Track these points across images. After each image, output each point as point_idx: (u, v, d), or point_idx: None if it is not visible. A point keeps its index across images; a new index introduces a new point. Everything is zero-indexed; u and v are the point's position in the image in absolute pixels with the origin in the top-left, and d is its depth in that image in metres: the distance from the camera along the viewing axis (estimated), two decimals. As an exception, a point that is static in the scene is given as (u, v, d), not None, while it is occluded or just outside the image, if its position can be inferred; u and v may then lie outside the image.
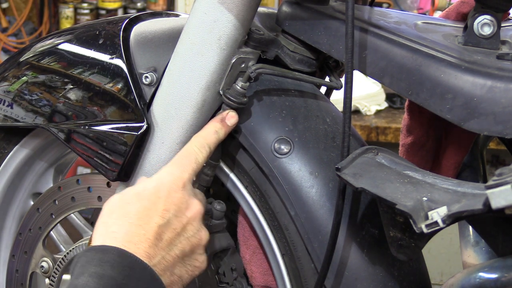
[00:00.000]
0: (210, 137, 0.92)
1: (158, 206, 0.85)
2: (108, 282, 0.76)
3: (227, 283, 1.04)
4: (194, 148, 0.91)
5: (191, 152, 0.91)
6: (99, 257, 0.78)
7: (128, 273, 0.78)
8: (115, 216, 0.84)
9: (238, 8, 0.89)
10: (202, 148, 0.91)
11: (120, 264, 0.78)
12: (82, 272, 0.77)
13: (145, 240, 0.82)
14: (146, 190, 0.86)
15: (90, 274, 0.76)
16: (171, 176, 0.88)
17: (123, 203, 0.86)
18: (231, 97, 0.92)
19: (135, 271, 0.79)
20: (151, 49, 0.98)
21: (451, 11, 1.05)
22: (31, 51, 1.09)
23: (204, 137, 0.92)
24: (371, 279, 0.90)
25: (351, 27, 0.85)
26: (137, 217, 0.83)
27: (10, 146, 1.15)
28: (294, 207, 0.92)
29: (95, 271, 0.76)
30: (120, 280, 0.77)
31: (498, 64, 0.85)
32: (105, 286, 0.76)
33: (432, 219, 0.72)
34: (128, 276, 0.78)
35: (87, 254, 0.79)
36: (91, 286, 0.75)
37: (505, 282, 0.78)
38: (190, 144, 0.92)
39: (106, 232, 0.83)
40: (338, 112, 0.99)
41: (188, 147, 0.91)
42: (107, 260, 0.78)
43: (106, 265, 0.77)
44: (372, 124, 2.42)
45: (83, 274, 0.77)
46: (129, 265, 0.79)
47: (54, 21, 3.34)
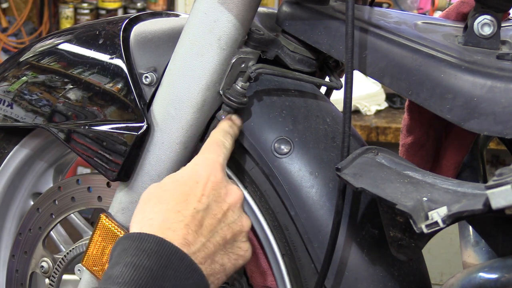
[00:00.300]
0: (229, 129, 0.91)
1: (197, 191, 0.82)
2: (143, 273, 0.73)
3: (227, 283, 1.04)
4: (219, 135, 0.90)
5: (217, 139, 0.89)
6: (135, 246, 0.76)
7: (166, 263, 0.75)
8: (152, 203, 0.82)
9: (238, 8, 0.89)
10: (226, 136, 0.90)
11: (157, 254, 0.75)
12: (117, 261, 0.75)
13: (184, 226, 0.79)
14: (183, 176, 0.84)
15: (126, 264, 0.74)
16: (207, 161, 0.86)
17: (159, 190, 0.83)
18: (231, 97, 0.92)
19: (172, 261, 0.76)
20: (151, 49, 0.98)
21: (451, 11, 1.05)
22: (31, 51, 1.09)
23: (223, 128, 0.91)
24: (371, 279, 0.90)
25: (351, 27, 0.85)
26: (175, 203, 0.81)
27: (10, 146, 1.15)
28: (294, 207, 0.92)
29: (130, 261, 0.74)
30: (156, 270, 0.74)
31: (498, 64, 0.85)
32: (140, 277, 0.73)
33: (432, 219, 0.72)
34: (165, 266, 0.75)
35: (124, 242, 0.77)
36: (125, 277, 0.73)
37: (505, 282, 0.78)
38: (214, 133, 0.91)
39: (143, 219, 0.80)
40: (338, 112, 0.99)
41: (213, 135, 0.90)
42: (143, 249, 0.75)
43: (142, 255, 0.75)
44: (372, 124, 2.42)
45: (118, 263, 0.74)
46: (166, 254, 0.76)
47: (54, 21, 3.34)
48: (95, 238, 0.98)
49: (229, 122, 0.93)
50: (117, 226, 0.97)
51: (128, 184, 0.97)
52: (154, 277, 0.74)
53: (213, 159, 0.87)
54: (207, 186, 0.84)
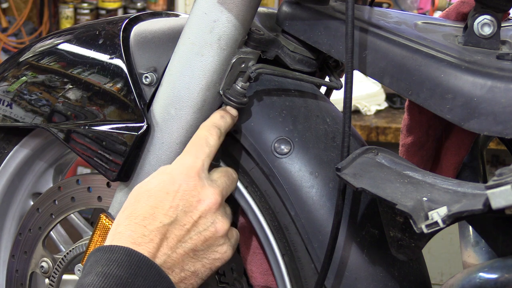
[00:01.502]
0: (218, 121, 0.91)
1: (165, 203, 0.84)
2: (113, 281, 0.76)
3: (227, 283, 1.04)
4: (203, 132, 0.90)
5: (201, 136, 0.89)
6: (106, 257, 0.78)
7: (135, 271, 0.78)
8: (125, 215, 0.84)
9: (238, 8, 0.89)
10: (211, 130, 0.90)
11: (126, 263, 0.78)
12: (89, 271, 0.78)
13: (148, 241, 0.81)
14: (156, 185, 0.85)
15: (97, 273, 0.77)
16: (182, 166, 0.86)
17: (134, 201, 0.85)
18: (231, 97, 0.92)
19: (141, 269, 0.78)
20: (151, 49, 0.98)
21: (451, 11, 1.05)
22: (31, 51, 1.09)
23: (211, 121, 0.91)
24: (371, 279, 0.90)
25: (351, 27, 0.85)
26: (142, 217, 0.83)
27: (10, 146, 1.15)
28: (294, 207, 0.92)
29: (101, 271, 0.77)
30: (126, 278, 0.77)
31: (498, 64, 0.85)
32: (110, 285, 0.76)
33: (432, 219, 0.72)
34: (134, 275, 0.77)
35: (96, 254, 0.80)
36: (96, 285, 0.75)
37: (505, 282, 0.78)
38: (199, 130, 0.91)
39: (115, 231, 0.83)
40: (338, 112, 0.99)
41: (197, 132, 0.90)
42: (114, 259, 0.78)
43: (113, 265, 0.77)
44: (372, 124, 2.42)
45: (90, 273, 0.77)
46: (135, 263, 0.78)
47: (54, 21, 3.34)
48: (95, 238, 0.98)
49: (220, 112, 0.92)
50: (117, 226, 0.97)
51: (128, 184, 0.97)
52: (124, 285, 0.76)
53: (190, 164, 0.86)
54: (176, 197, 0.84)
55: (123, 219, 0.84)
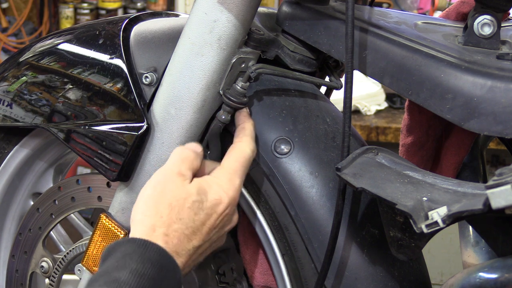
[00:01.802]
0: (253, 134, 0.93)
1: (210, 222, 0.86)
2: (147, 283, 0.76)
3: (227, 283, 1.04)
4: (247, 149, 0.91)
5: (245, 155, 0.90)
6: (140, 252, 0.78)
7: (164, 274, 0.79)
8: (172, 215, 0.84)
9: (238, 8, 0.89)
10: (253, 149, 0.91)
11: (160, 264, 0.78)
12: (123, 265, 0.77)
13: (187, 255, 0.84)
14: (207, 200, 0.86)
15: (132, 271, 0.76)
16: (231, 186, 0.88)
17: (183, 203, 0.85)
18: (231, 97, 0.92)
19: (169, 274, 0.80)
20: (151, 49, 0.98)
21: (451, 11, 1.05)
22: (31, 51, 1.09)
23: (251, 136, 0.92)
24: (371, 279, 0.90)
25: (351, 27, 0.85)
26: (192, 230, 0.84)
27: (10, 146, 1.15)
28: (294, 207, 0.92)
29: (136, 268, 0.76)
30: (158, 280, 0.77)
31: (498, 64, 0.85)
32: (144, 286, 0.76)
33: (432, 219, 0.72)
34: (163, 277, 0.78)
35: (128, 245, 0.79)
36: (132, 284, 0.75)
37: (505, 282, 0.78)
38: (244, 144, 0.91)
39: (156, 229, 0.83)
40: (338, 112, 0.99)
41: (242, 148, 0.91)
42: (148, 257, 0.78)
43: (147, 263, 0.77)
44: (372, 124, 2.42)
45: (123, 268, 0.76)
46: (168, 267, 0.79)
47: (54, 21, 3.34)
48: (95, 238, 0.98)
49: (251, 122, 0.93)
50: (117, 226, 0.97)
51: (128, 184, 0.97)
52: (155, 287, 0.77)
53: (238, 186, 0.89)
54: (220, 219, 0.87)
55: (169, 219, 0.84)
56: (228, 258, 1.05)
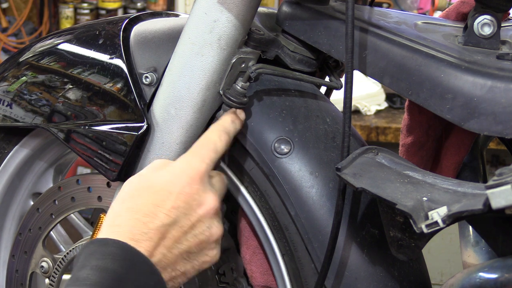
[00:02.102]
0: (229, 125, 0.91)
1: (167, 203, 0.83)
2: (109, 275, 0.76)
3: (227, 283, 1.04)
4: (213, 136, 0.89)
5: (210, 140, 0.89)
6: (101, 250, 0.78)
7: (129, 266, 0.78)
8: (125, 207, 0.84)
9: (238, 8, 0.89)
10: (221, 135, 0.89)
11: (121, 257, 0.78)
12: (84, 264, 0.77)
13: (147, 238, 0.81)
14: (159, 183, 0.85)
15: (92, 267, 0.76)
16: (188, 167, 0.86)
17: (135, 193, 0.85)
18: (231, 97, 0.92)
19: (135, 264, 0.78)
20: (151, 49, 0.98)
21: (451, 11, 1.05)
22: (31, 51, 1.09)
23: (222, 125, 0.91)
24: (371, 279, 0.90)
25: (351, 27, 0.85)
26: (143, 213, 0.82)
27: (10, 146, 1.14)
28: (294, 207, 0.92)
29: (96, 264, 0.76)
30: (121, 273, 0.76)
31: (498, 64, 0.85)
32: (106, 279, 0.76)
33: (432, 219, 0.72)
34: (129, 269, 0.77)
35: (90, 247, 0.79)
36: (92, 279, 0.75)
37: (505, 282, 0.78)
38: (209, 132, 0.90)
39: (112, 225, 0.83)
40: (338, 112, 0.99)
41: (207, 134, 0.90)
42: (108, 253, 0.78)
43: (107, 258, 0.77)
44: (372, 124, 2.42)
45: (84, 266, 0.77)
46: (130, 258, 0.78)
47: (54, 21, 3.34)
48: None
49: (231, 116, 0.92)
50: (117, 226, 0.97)
51: (128, 184, 0.97)
52: (119, 279, 0.76)
53: (196, 167, 0.86)
54: (179, 198, 0.84)
55: (122, 211, 0.83)
56: (228, 258, 1.05)
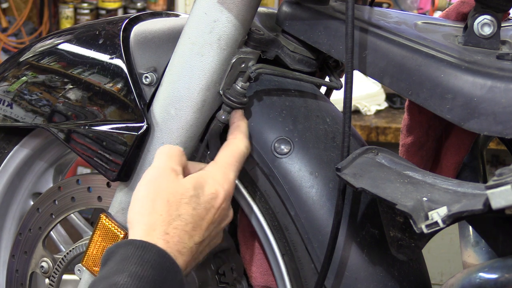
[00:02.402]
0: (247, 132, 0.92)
1: (209, 217, 0.85)
2: (147, 285, 0.75)
3: (227, 283, 1.04)
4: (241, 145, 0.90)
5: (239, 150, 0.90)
6: (139, 254, 0.77)
7: (165, 276, 0.77)
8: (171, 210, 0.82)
9: (238, 8, 0.89)
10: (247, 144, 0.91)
11: (160, 265, 0.77)
12: (121, 268, 0.76)
13: (188, 253, 0.82)
14: (204, 194, 0.85)
15: (130, 274, 0.75)
16: (225, 181, 0.87)
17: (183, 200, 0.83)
18: (231, 97, 0.92)
19: (169, 275, 0.78)
20: (151, 49, 0.98)
21: (451, 11, 1.05)
22: (31, 51, 1.09)
23: (245, 132, 0.91)
24: (371, 279, 0.90)
25: (351, 27, 0.85)
26: (192, 227, 0.83)
27: (10, 146, 1.15)
28: (294, 207, 0.92)
29: (135, 271, 0.75)
30: (159, 282, 0.76)
31: (498, 64, 0.85)
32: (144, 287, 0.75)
33: (432, 219, 0.72)
34: (164, 279, 0.77)
35: (128, 248, 0.78)
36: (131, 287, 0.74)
37: (505, 282, 0.78)
38: (237, 141, 0.90)
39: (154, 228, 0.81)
40: (338, 112, 0.99)
41: (236, 144, 0.90)
42: (147, 259, 0.77)
43: (146, 265, 0.76)
44: (372, 124, 2.42)
45: (122, 271, 0.75)
46: (167, 268, 0.78)
47: (54, 21, 3.34)
48: (95, 238, 0.98)
49: (245, 121, 0.92)
50: (117, 226, 0.97)
51: (128, 184, 0.97)
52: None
53: (232, 180, 0.88)
54: (217, 214, 0.86)
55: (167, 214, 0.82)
56: (228, 258, 1.05)
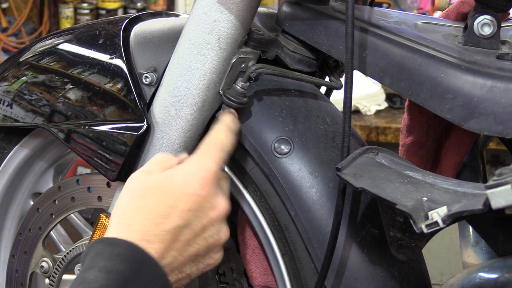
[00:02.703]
0: (232, 124, 0.91)
1: (181, 204, 0.82)
2: (116, 277, 0.74)
3: (227, 283, 1.04)
4: (220, 135, 0.88)
5: (218, 140, 0.88)
6: (109, 250, 0.76)
7: (138, 268, 0.76)
8: (134, 205, 0.82)
9: (238, 8, 0.89)
10: (228, 135, 0.89)
11: (130, 258, 0.76)
12: (91, 265, 0.76)
13: (159, 240, 0.80)
14: (172, 183, 0.83)
15: (100, 269, 0.75)
16: (200, 169, 0.84)
17: (146, 192, 0.83)
18: (231, 97, 0.92)
19: (144, 266, 0.77)
20: (151, 49, 0.98)
21: (451, 11, 1.05)
22: (31, 51, 1.09)
23: (226, 124, 0.90)
24: (371, 279, 0.90)
25: (351, 27, 0.85)
26: (157, 215, 0.80)
27: (10, 146, 1.15)
28: (294, 207, 0.92)
29: (104, 265, 0.75)
30: (129, 274, 0.75)
31: (498, 64, 0.85)
32: (114, 281, 0.74)
33: (432, 219, 0.72)
34: (137, 271, 0.76)
35: (97, 246, 0.78)
36: (100, 282, 0.74)
37: (505, 282, 0.78)
38: (216, 132, 0.89)
39: (122, 224, 0.81)
40: (338, 112, 0.99)
41: (214, 134, 0.89)
42: (117, 253, 0.76)
43: (116, 259, 0.75)
44: (372, 124, 2.42)
45: (92, 267, 0.75)
46: (139, 260, 0.77)
47: (54, 21, 3.34)
48: (95, 238, 0.98)
49: (231, 115, 0.91)
50: (117, 226, 0.97)
51: (128, 184, 0.97)
52: (126, 281, 0.75)
53: (208, 168, 0.85)
54: (193, 201, 0.83)
55: (132, 210, 0.81)
56: (228, 258, 1.05)
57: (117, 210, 0.83)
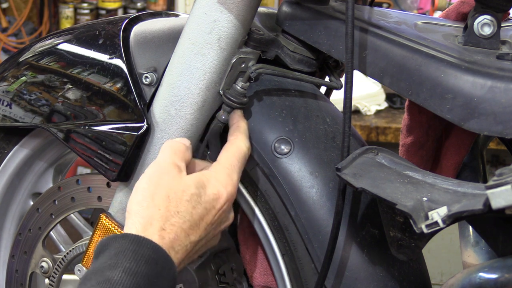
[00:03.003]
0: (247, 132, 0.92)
1: (208, 218, 0.85)
2: (141, 281, 0.75)
3: (227, 283, 1.04)
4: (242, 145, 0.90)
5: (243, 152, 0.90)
6: (133, 249, 0.76)
7: (159, 271, 0.77)
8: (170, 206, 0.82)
9: (238, 8, 0.89)
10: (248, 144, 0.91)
11: (153, 261, 0.77)
12: (115, 263, 0.75)
13: (183, 251, 0.82)
14: (206, 194, 0.85)
15: (125, 270, 0.75)
16: (231, 184, 0.87)
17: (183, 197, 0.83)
18: (231, 97, 0.92)
19: (164, 270, 0.78)
20: (151, 49, 0.98)
21: (451, 11, 1.05)
22: (30, 51, 1.09)
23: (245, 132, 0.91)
24: (371, 279, 0.90)
25: (351, 27, 0.85)
26: (189, 225, 0.82)
27: (10, 146, 1.14)
28: (294, 207, 0.92)
29: (129, 267, 0.75)
30: (152, 278, 0.76)
31: (498, 64, 0.85)
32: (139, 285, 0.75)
33: (432, 219, 0.72)
34: (158, 274, 0.77)
35: (122, 242, 0.78)
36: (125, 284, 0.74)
37: (505, 282, 0.78)
38: (239, 141, 0.90)
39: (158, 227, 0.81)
40: (338, 112, 0.99)
41: (238, 144, 0.90)
42: (142, 254, 0.76)
43: (141, 261, 0.76)
44: (372, 124, 2.42)
45: (116, 266, 0.75)
46: (161, 264, 0.78)
47: (54, 21, 3.34)
48: (95, 238, 0.98)
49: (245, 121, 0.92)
50: (117, 226, 0.97)
51: (128, 184, 0.97)
52: (150, 284, 0.75)
53: (235, 182, 0.88)
54: (218, 216, 0.86)
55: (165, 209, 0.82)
56: (228, 258, 1.05)
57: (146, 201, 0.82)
